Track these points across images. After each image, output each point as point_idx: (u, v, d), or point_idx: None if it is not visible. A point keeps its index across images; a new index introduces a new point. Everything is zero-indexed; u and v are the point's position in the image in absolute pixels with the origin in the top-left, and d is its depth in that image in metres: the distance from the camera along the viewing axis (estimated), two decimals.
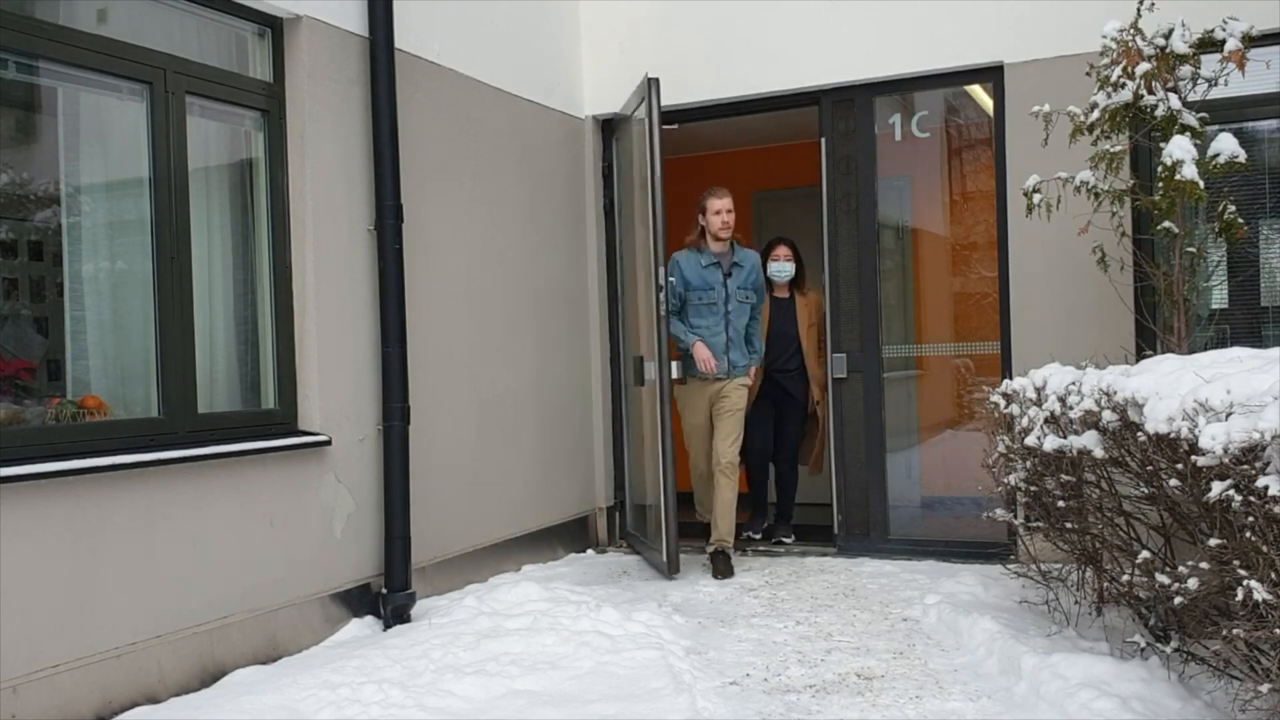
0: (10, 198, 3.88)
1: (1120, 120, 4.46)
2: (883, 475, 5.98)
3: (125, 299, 4.06)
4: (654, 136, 5.41)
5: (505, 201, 5.77)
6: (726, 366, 5.63)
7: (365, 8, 4.73)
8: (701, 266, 5.64)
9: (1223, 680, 3.33)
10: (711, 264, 5.64)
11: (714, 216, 5.63)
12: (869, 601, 4.90)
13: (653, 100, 5.44)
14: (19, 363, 3.86)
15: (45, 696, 3.39)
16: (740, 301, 5.67)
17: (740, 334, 5.70)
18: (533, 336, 5.98)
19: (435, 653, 4.07)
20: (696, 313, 5.64)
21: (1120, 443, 3.71)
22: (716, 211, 5.62)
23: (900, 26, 5.77)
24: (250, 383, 4.48)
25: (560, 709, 3.55)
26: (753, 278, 5.75)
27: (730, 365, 5.64)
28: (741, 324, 5.70)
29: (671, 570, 5.45)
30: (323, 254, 4.54)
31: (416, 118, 5.06)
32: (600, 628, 4.35)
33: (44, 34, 3.63)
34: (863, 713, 3.52)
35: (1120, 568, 3.83)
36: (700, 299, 5.63)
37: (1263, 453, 2.78)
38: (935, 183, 6.27)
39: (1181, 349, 4.34)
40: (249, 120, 4.47)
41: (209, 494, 3.99)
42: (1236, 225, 4.45)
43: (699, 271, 5.64)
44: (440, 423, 5.16)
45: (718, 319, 5.64)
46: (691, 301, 5.64)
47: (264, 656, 4.14)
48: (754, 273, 5.76)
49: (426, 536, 4.94)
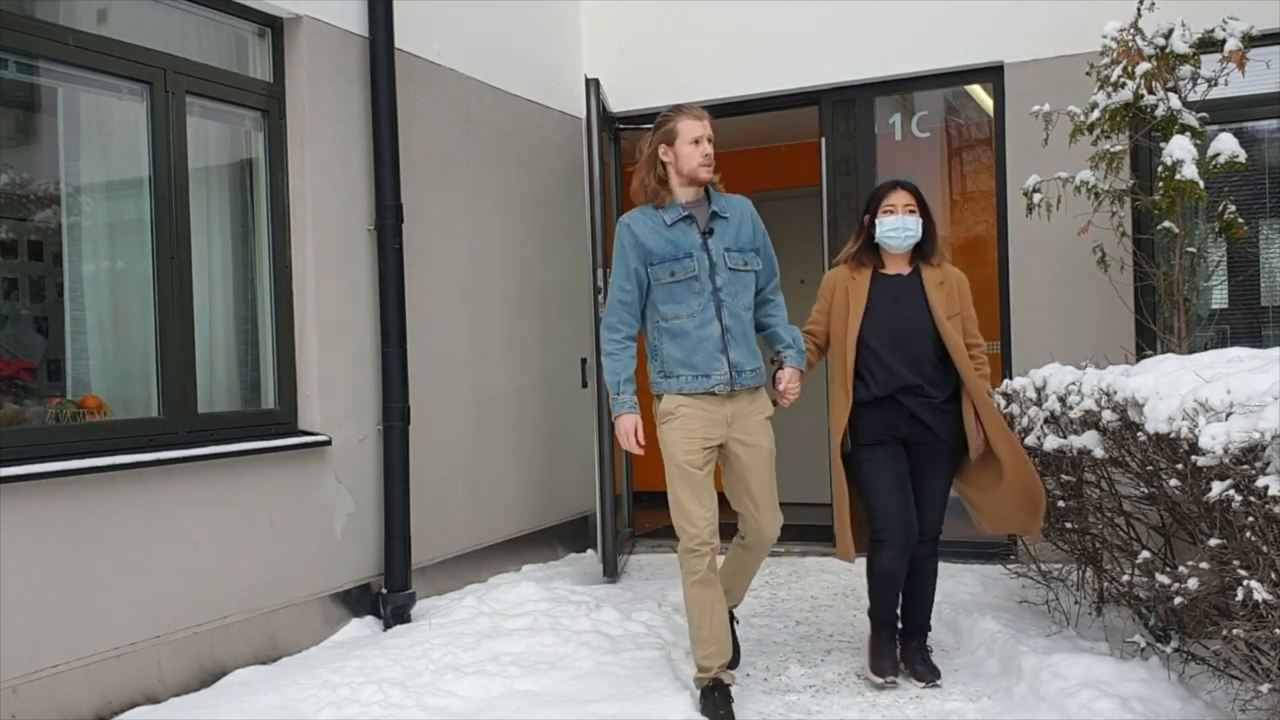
0: (10, 198, 3.88)
1: (1120, 120, 4.46)
2: None
3: (125, 299, 4.06)
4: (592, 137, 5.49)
5: (506, 201, 5.77)
6: (726, 375, 3.55)
7: (365, 8, 4.73)
8: (666, 226, 3.59)
9: (1223, 680, 3.33)
10: (680, 219, 3.61)
11: (689, 148, 3.58)
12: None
13: (591, 100, 5.49)
14: (19, 363, 3.86)
15: (45, 697, 3.39)
16: (734, 269, 3.62)
17: (743, 321, 3.63)
18: (533, 336, 5.98)
19: (435, 653, 4.07)
20: (670, 298, 3.58)
21: (1120, 443, 3.71)
22: (695, 140, 3.58)
23: (900, 26, 5.76)
24: (250, 383, 4.48)
25: (560, 709, 3.55)
26: (748, 234, 3.70)
27: (732, 373, 3.56)
28: (742, 304, 3.63)
29: (608, 573, 5.44)
30: (323, 254, 4.54)
31: (416, 118, 5.06)
32: (600, 628, 4.35)
33: (44, 34, 3.63)
34: (863, 713, 3.52)
35: (1120, 568, 3.83)
36: (671, 275, 3.57)
37: (1263, 453, 2.78)
38: (935, 183, 6.26)
39: (1181, 349, 4.34)
40: (249, 120, 4.47)
41: (209, 494, 3.99)
42: (1236, 225, 4.45)
43: (662, 234, 3.59)
44: (440, 422, 5.16)
45: (703, 301, 3.56)
46: (659, 282, 3.58)
47: (264, 656, 4.14)
48: (749, 225, 3.72)
49: (426, 536, 4.94)
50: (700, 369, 3.55)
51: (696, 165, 3.57)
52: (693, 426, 3.55)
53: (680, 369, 3.56)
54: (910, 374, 3.72)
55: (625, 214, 3.73)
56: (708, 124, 3.62)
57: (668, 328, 3.59)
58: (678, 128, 3.60)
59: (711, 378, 3.54)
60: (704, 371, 3.54)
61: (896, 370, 3.72)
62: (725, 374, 3.55)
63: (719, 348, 3.56)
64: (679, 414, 3.56)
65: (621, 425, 3.58)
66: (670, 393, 3.59)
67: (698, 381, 3.54)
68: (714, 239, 3.62)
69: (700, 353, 3.55)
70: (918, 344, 3.73)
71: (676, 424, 3.56)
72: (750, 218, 3.74)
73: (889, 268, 3.85)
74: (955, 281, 3.86)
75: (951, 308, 3.78)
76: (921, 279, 3.80)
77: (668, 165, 3.61)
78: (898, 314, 3.77)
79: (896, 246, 3.78)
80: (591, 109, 5.45)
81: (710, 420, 3.56)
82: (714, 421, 3.56)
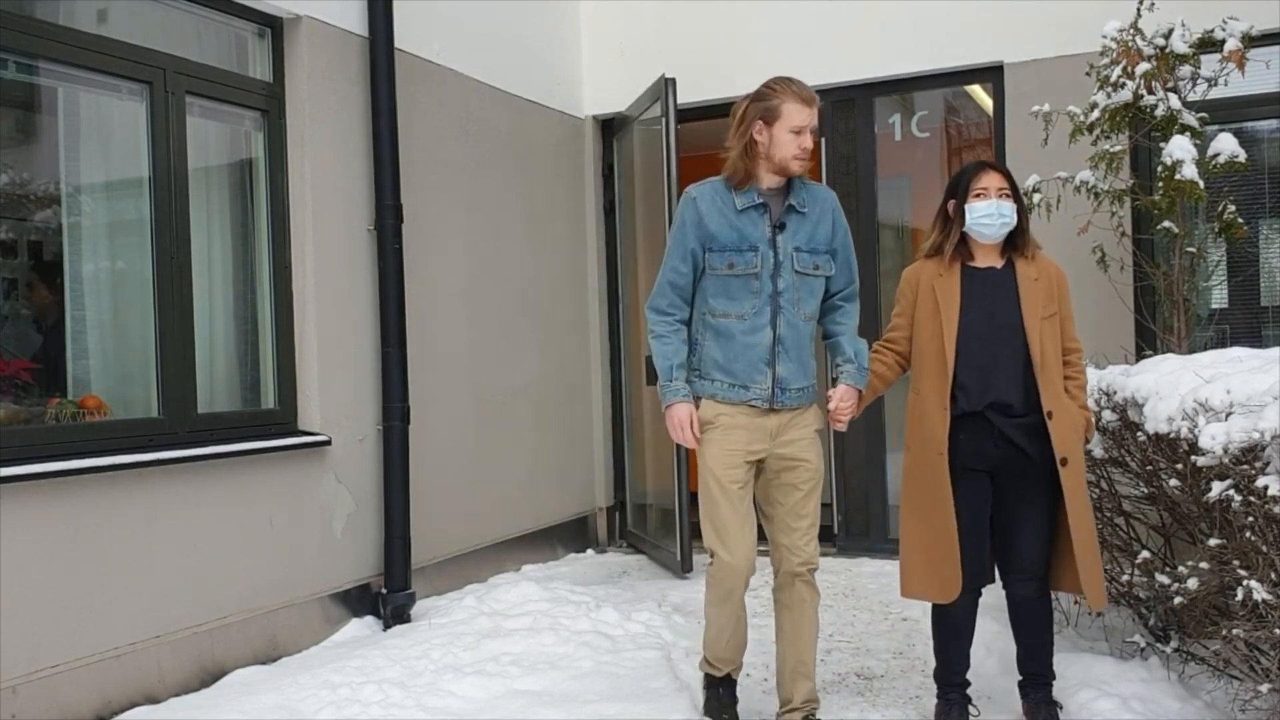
0: (10, 198, 3.88)
1: (1120, 120, 4.46)
2: (883, 475, 5.97)
3: (125, 299, 4.06)
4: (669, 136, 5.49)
5: (505, 201, 5.77)
6: (768, 390, 3.15)
7: (365, 8, 4.72)
8: (736, 211, 3.16)
9: (1222, 680, 3.33)
10: (752, 206, 3.17)
11: (789, 136, 3.12)
12: (869, 601, 4.89)
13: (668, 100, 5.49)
14: (19, 363, 3.86)
15: (45, 697, 3.39)
16: (801, 272, 3.18)
17: (800, 333, 3.19)
18: (533, 336, 5.98)
19: (435, 653, 4.07)
20: (723, 291, 3.17)
21: (1120, 442, 3.72)
22: (797, 130, 3.12)
23: (900, 26, 5.76)
24: (250, 383, 4.48)
25: (560, 709, 3.55)
26: (825, 233, 3.24)
27: (775, 388, 3.16)
28: (804, 313, 3.20)
29: (685, 569, 5.44)
30: (323, 254, 4.54)
31: (416, 118, 5.06)
32: (600, 628, 4.35)
33: (44, 34, 3.63)
34: (863, 713, 3.52)
35: (1120, 568, 3.83)
36: (729, 266, 3.14)
37: (1263, 453, 2.78)
38: (935, 183, 6.26)
39: (1181, 349, 4.34)
40: (249, 120, 4.46)
41: (209, 494, 3.99)
42: (1236, 225, 4.45)
43: (729, 219, 3.16)
44: (440, 422, 5.16)
45: (759, 304, 3.14)
46: (714, 272, 3.17)
47: (264, 656, 4.14)
48: (828, 223, 3.25)
49: (426, 536, 4.94)
50: (739, 378, 3.15)
51: (791, 157, 3.12)
52: (734, 438, 3.15)
53: (717, 373, 3.17)
54: (1005, 386, 3.16)
55: (693, 185, 3.26)
56: (815, 112, 3.15)
57: (714, 324, 3.18)
58: (783, 108, 3.11)
59: (750, 390, 3.14)
60: (742, 382, 3.15)
61: (991, 381, 3.16)
62: (767, 389, 3.14)
63: (765, 358, 3.13)
64: (719, 423, 3.16)
65: (675, 415, 3.16)
66: (705, 396, 3.19)
67: (733, 391, 3.15)
68: (785, 235, 3.16)
69: (743, 360, 3.14)
70: (1013, 350, 3.17)
71: (716, 435, 3.16)
72: (832, 214, 3.26)
73: (979, 260, 3.28)
74: (1053, 276, 3.28)
75: (1049, 306, 3.22)
76: (1016, 274, 3.24)
77: (758, 144, 3.13)
78: (993, 314, 3.20)
79: (991, 235, 3.22)
80: (669, 109, 5.48)
81: (753, 432, 3.16)
82: (757, 434, 3.16)
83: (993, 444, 3.17)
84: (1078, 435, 3.19)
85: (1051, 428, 3.12)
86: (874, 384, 3.37)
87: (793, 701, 3.29)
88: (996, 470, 3.19)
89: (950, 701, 3.33)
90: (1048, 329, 3.19)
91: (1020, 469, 3.17)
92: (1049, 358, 3.17)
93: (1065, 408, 3.17)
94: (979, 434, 3.17)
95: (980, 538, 3.21)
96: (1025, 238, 3.27)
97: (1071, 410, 3.19)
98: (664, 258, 3.25)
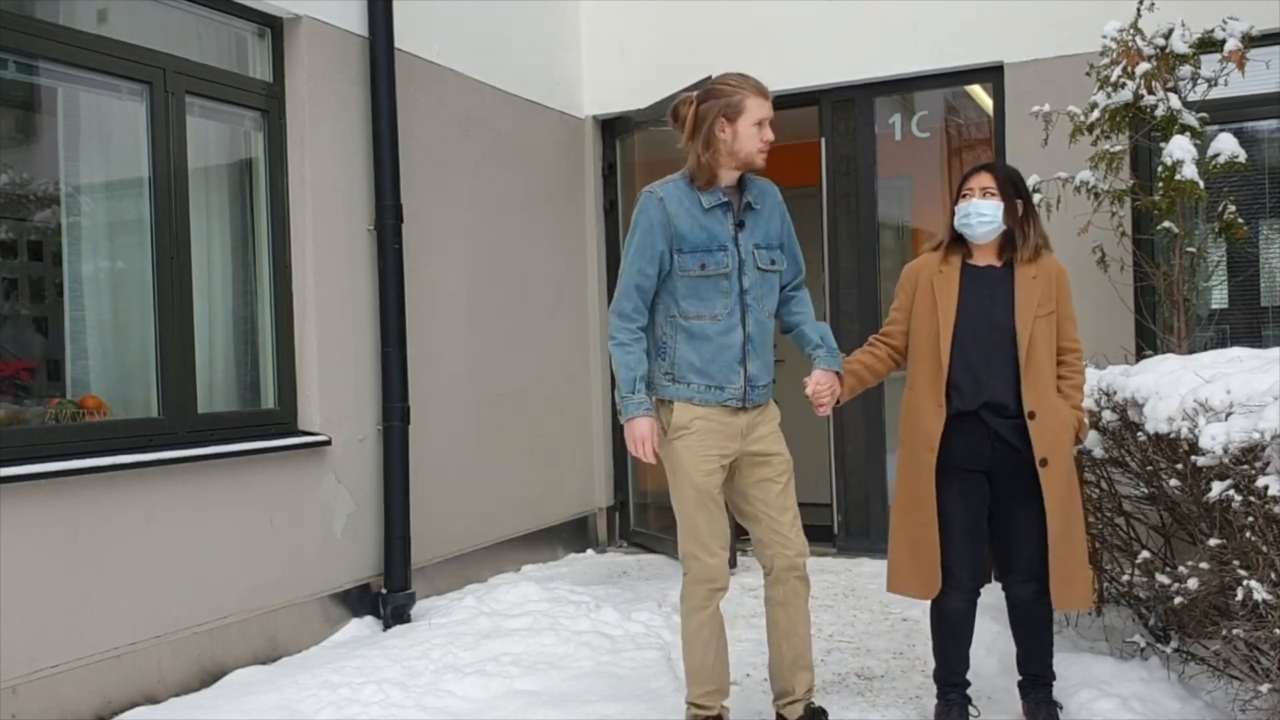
0: (10, 198, 3.88)
1: (1120, 120, 4.46)
2: (883, 475, 5.97)
3: (125, 299, 4.06)
4: None
5: (506, 201, 5.77)
6: (740, 389, 3.13)
7: (365, 8, 4.72)
8: (703, 210, 3.13)
9: (1222, 680, 3.33)
10: (718, 205, 3.15)
11: (752, 130, 3.12)
12: (869, 601, 4.89)
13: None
14: (19, 363, 3.86)
15: (45, 697, 3.39)
16: (762, 270, 3.19)
17: (765, 330, 3.21)
18: (533, 336, 5.98)
19: (435, 653, 4.07)
20: (694, 293, 3.12)
21: (1120, 443, 3.72)
22: (759, 122, 3.13)
23: (900, 26, 5.76)
24: (250, 383, 4.48)
25: (560, 709, 3.55)
26: (776, 227, 3.26)
27: (746, 387, 3.15)
28: (767, 309, 3.22)
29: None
30: (323, 254, 4.54)
31: (416, 118, 5.06)
32: (600, 628, 4.35)
33: (44, 34, 3.63)
34: (863, 713, 3.52)
35: (1120, 568, 3.83)
36: (701, 268, 3.10)
37: (1263, 453, 2.78)
38: (935, 183, 6.26)
39: (1181, 349, 4.34)
40: (249, 120, 4.47)
41: (209, 494, 3.99)
42: (1236, 225, 4.45)
43: (698, 219, 3.12)
44: (440, 422, 5.16)
45: (730, 304, 3.13)
46: (685, 273, 3.11)
47: (264, 656, 4.14)
48: (777, 217, 3.28)
49: (426, 536, 4.94)
50: (716, 379, 3.11)
51: (755, 151, 3.11)
52: (709, 442, 3.11)
53: (693, 376, 3.11)
54: (999, 386, 3.14)
55: (654, 184, 3.17)
56: (770, 104, 3.16)
57: (686, 327, 3.11)
58: (745, 103, 3.09)
59: (725, 390, 3.11)
60: (719, 383, 3.11)
61: (985, 381, 3.15)
62: (740, 388, 3.12)
63: (738, 358, 3.12)
64: (694, 428, 3.10)
65: (635, 430, 3.06)
66: (680, 400, 3.12)
67: (710, 393, 3.11)
68: (745, 233, 3.15)
69: (719, 361, 3.10)
70: (1006, 350, 3.15)
71: (693, 440, 3.10)
72: (778, 207, 3.27)
73: (977, 259, 3.27)
74: (1052, 273, 3.23)
75: (1046, 304, 3.17)
76: (1013, 273, 3.21)
77: (721, 141, 3.08)
78: (990, 313, 3.19)
79: (973, 235, 3.22)
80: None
81: (726, 434, 3.13)
82: (730, 434, 3.14)
83: (988, 444, 3.16)
84: (1066, 436, 3.16)
85: (1032, 428, 3.09)
86: (863, 375, 3.36)
87: (794, 693, 3.26)
88: (993, 470, 3.18)
89: (950, 702, 3.32)
90: (1041, 328, 3.16)
91: (1015, 469, 3.15)
92: (1036, 357, 3.13)
93: (1053, 408, 3.13)
94: (974, 434, 3.16)
95: (976, 538, 3.20)
96: (1025, 238, 3.22)
97: (1061, 410, 3.15)
98: (625, 260, 3.16)
